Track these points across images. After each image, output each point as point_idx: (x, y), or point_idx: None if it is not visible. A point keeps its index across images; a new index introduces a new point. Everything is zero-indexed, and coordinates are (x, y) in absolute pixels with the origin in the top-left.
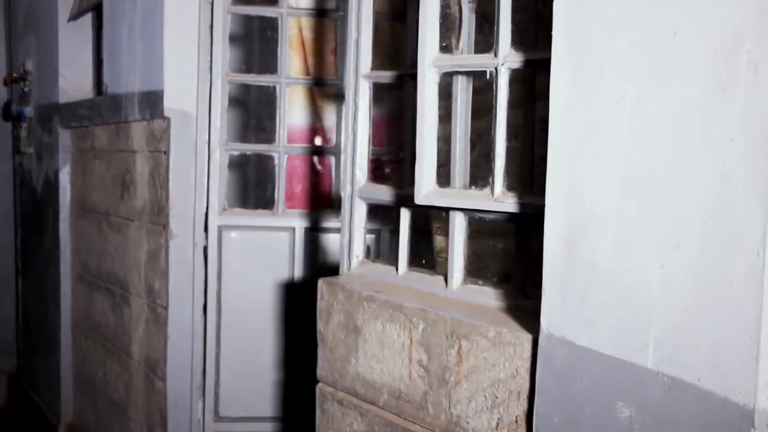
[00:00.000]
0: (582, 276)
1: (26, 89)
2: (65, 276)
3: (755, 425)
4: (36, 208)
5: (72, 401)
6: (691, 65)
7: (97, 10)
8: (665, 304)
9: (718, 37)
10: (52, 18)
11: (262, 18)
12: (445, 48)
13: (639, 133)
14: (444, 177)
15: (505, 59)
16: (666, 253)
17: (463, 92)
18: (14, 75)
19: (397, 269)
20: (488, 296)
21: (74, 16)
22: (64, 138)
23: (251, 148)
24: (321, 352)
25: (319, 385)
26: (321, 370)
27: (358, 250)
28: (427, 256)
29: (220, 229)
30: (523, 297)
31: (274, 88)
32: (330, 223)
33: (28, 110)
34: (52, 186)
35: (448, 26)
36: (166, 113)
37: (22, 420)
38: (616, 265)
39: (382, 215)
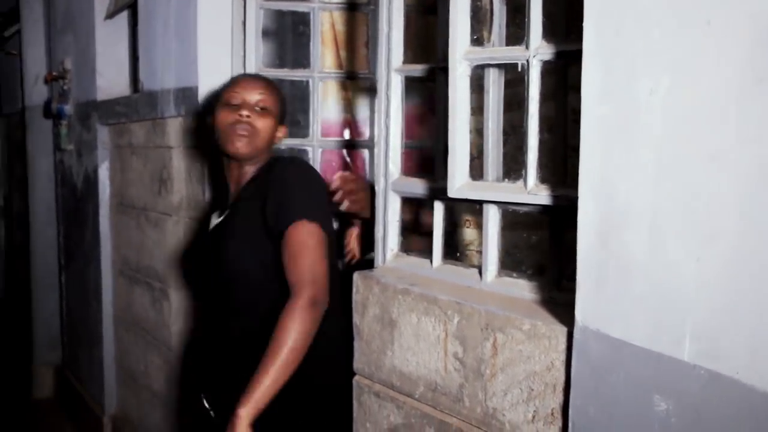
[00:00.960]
0: (616, 269)
1: (65, 87)
2: (106, 271)
3: None
4: (77, 205)
5: (115, 393)
6: (725, 54)
7: (133, 8)
8: (702, 297)
9: (753, 25)
10: (89, 17)
11: (294, 13)
12: (477, 41)
13: (673, 123)
14: (476, 170)
15: (537, 51)
16: (702, 246)
17: (495, 85)
18: (54, 73)
19: (431, 262)
20: (522, 289)
21: (110, 15)
22: (103, 135)
23: (285, 142)
24: (357, 345)
25: (356, 377)
26: (357, 363)
27: (393, 243)
28: (455, 248)
29: None
30: (557, 289)
31: (307, 82)
32: None
33: (68, 108)
34: (91, 182)
35: (480, 19)
36: (201, 109)
37: (68, 411)
38: (651, 258)
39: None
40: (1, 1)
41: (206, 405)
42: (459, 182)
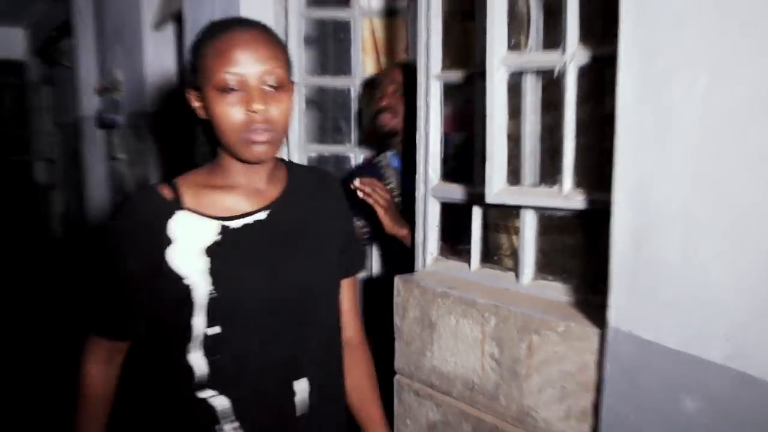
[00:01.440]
0: (649, 273)
1: (117, 98)
2: None
3: None
4: None
5: None
6: (762, 58)
7: (178, 19)
8: (733, 300)
9: None
10: (137, 28)
11: (334, 21)
12: (514, 46)
13: (709, 129)
14: (513, 174)
15: (573, 56)
16: (735, 250)
17: (532, 90)
18: (105, 84)
19: (469, 266)
20: (557, 291)
21: (157, 25)
22: (154, 144)
23: (328, 149)
24: (398, 346)
25: (397, 376)
26: (398, 363)
27: (433, 247)
28: (489, 252)
29: None
30: (591, 292)
31: (349, 89)
32: None
33: (119, 118)
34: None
35: (517, 23)
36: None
37: None
38: (684, 262)
39: None
40: (54, 14)
41: None
42: (497, 188)
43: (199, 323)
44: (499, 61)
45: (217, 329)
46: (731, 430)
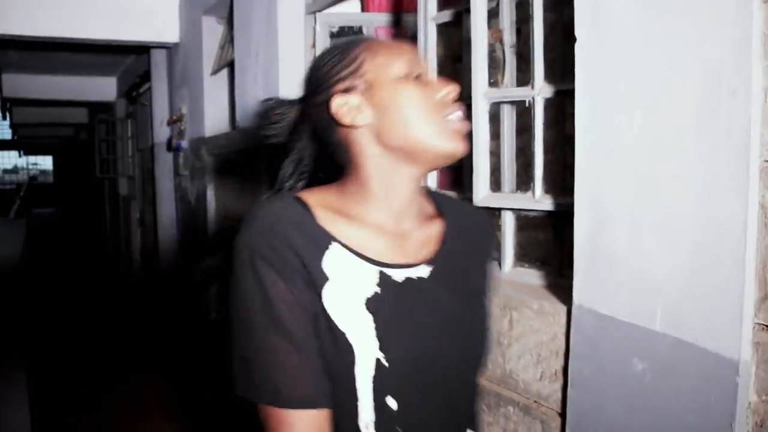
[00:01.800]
0: (604, 260)
1: (182, 128)
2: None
3: (739, 374)
4: (191, 217)
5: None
6: (684, 92)
7: (231, 66)
8: (670, 281)
9: (704, 69)
10: (199, 73)
11: None
12: (493, 83)
13: (645, 147)
14: (495, 183)
15: (540, 91)
16: (669, 241)
17: (508, 117)
18: (174, 117)
19: None
20: (532, 277)
21: (215, 71)
22: (209, 163)
23: None
24: None
25: None
26: None
27: None
28: None
29: None
30: (559, 277)
31: None
32: None
33: (184, 143)
34: (201, 199)
35: (495, 66)
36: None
37: None
38: (631, 251)
39: None
40: (138, 66)
41: None
42: (482, 194)
43: (365, 391)
44: (482, 95)
45: (392, 403)
46: (670, 385)
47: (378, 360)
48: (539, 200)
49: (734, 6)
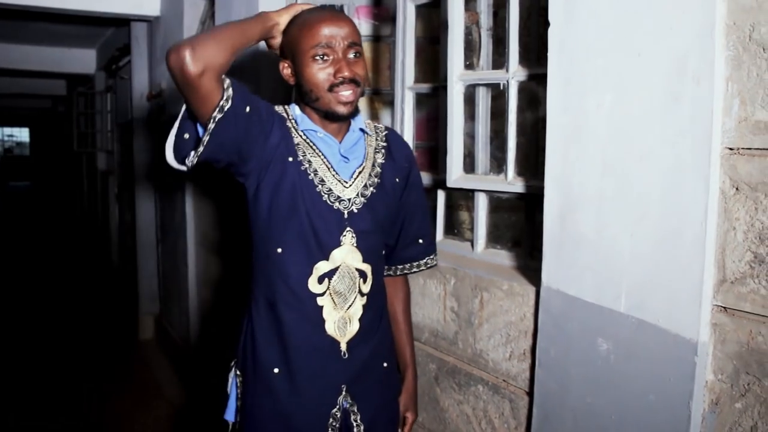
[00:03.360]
0: (572, 242)
1: (161, 103)
2: (190, 243)
3: (698, 354)
4: (169, 193)
5: (197, 335)
6: (651, 79)
7: None
8: (634, 263)
9: (670, 57)
10: None
11: None
12: (469, 66)
13: (613, 131)
14: (469, 165)
15: (514, 74)
16: (634, 224)
17: (483, 99)
18: (153, 93)
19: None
20: (504, 258)
21: None
22: None
23: None
24: None
25: None
26: None
27: None
28: (452, 226)
29: None
30: (530, 258)
31: None
32: None
33: (163, 118)
34: (179, 174)
35: (471, 48)
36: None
37: (164, 349)
38: (598, 234)
39: None
40: (118, 39)
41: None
42: (455, 175)
43: None
44: (457, 77)
45: None
46: (632, 364)
47: None
48: (511, 182)
49: None
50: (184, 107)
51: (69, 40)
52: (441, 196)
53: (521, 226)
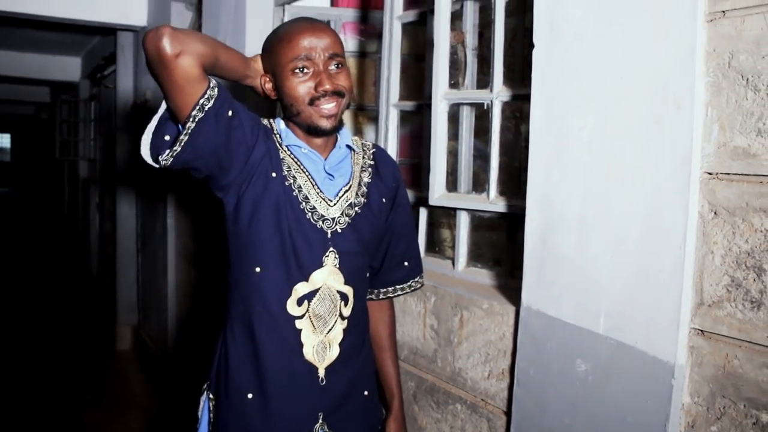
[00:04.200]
0: (552, 263)
1: (145, 113)
2: (171, 254)
3: (675, 376)
4: (151, 203)
5: (176, 348)
6: (633, 103)
7: None
8: (614, 286)
9: (652, 82)
10: None
11: None
12: (454, 85)
13: (596, 153)
14: (451, 183)
15: (498, 94)
16: (615, 247)
17: (467, 118)
18: (138, 102)
19: None
20: (484, 277)
21: None
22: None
23: None
24: None
25: None
26: None
27: None
28: (434, 243)
29: None
30: (510, 278)
31: None
32: None
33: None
34: (161, 186)
35: (456, 67)
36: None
37: (142, 361)
38: (578, 255)
39: None
40: (103, 48)
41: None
42: (438, 193)
43: None
44: (442, 96)
45: None
46: (611, 385)
47: None
48: (493, 202)
49: (681, 23)
50: (163, 105)
51: (54, 47)
52: (423, 213)
53: (502, 245)
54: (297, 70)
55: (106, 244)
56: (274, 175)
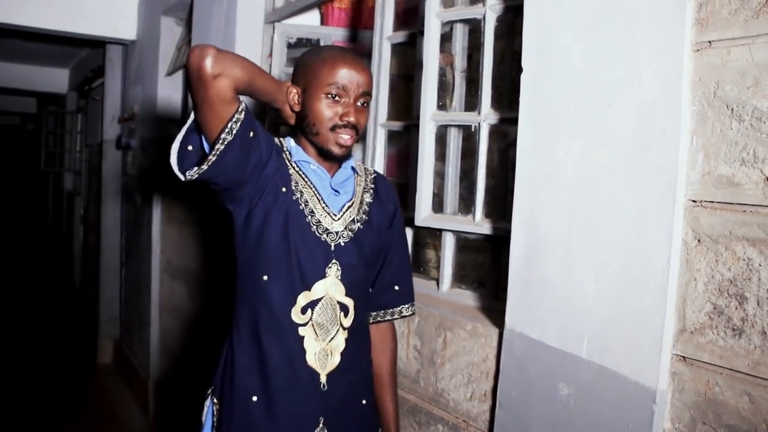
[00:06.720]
0: (537, 285)
1: (133, 126)
2: (155, 268)
3: (656, 402)
4: (136, 217)
5: (158, 363)
6: (619, 129)
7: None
8: (597, 309)
9: (639, 109)
10: (154, 73)
11: None
12: (442, 106)
13: (581, 177)
14: (438, 204)
15: (486, 117)
16: (599, 270)
17: (454, 140)
18: (125, 116)
19: None
20: (468, 298)
21: (170, 73)
22: (158, 164)
23: None
24: None
25: None
26: None
27: None
28: (419, 264)
29: None
30: (494, 299)
31: None
32: None
33: (134, 142)
34: (147, 199)
35: (444, 89)
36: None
37: (123, 374)
38: (562, 278)
39: None
40: (92, 60)
41: None
42: (424, 214)
43: None
44: (430, 117)
45: None
46: (592, 409)
47: None
48: (479, 224)
49: (668, 53)
50: (191, 117)
51: (42, 58)
52: (409, 233)
53: (487, 267)
54: (330, 95)
55: (90, 256)
56: (284, 189)
